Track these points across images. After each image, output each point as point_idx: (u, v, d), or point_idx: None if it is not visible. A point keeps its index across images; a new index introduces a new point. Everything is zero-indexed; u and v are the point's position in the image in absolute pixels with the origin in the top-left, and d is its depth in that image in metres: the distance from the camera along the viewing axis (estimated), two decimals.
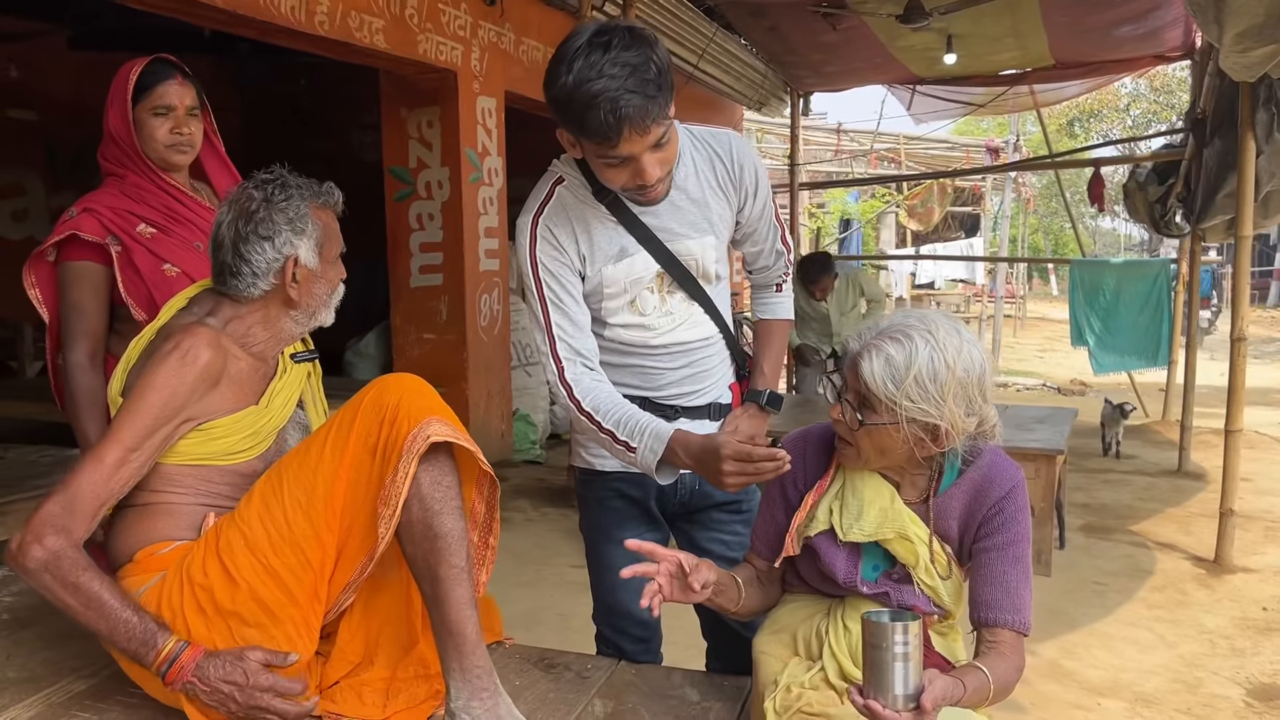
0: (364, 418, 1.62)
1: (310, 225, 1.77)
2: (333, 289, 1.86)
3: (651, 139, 1.66)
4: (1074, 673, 3.41)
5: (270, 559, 1.60)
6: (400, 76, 5.86)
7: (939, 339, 1.49)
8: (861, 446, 1.55)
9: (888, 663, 1.28)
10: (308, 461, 1.64)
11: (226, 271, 1.76)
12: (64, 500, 1.53)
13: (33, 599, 2.17)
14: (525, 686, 1.89)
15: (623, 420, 1.77)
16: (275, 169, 1.81)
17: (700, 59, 7.21)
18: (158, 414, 1.61)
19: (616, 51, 1.59)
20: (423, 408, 1.61)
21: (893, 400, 1.47)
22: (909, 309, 1.59)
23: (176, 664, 1.52)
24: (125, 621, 1.53)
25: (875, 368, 1.48)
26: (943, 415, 1.48)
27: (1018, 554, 1.55)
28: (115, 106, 2.29)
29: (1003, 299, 13.18)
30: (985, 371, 1.53)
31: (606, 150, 1.66)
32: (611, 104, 1.58)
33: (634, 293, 1.88)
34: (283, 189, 1.77)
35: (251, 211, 1.75)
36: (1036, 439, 4.42)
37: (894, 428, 1.49)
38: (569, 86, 1.61)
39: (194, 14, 4.35)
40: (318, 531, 1.61)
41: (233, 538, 1.61)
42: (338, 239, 1.85)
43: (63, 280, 2.28)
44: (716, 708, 1.81)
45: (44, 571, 1.50)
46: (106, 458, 1.57)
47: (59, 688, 1.78)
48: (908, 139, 13.29)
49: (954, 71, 7.85)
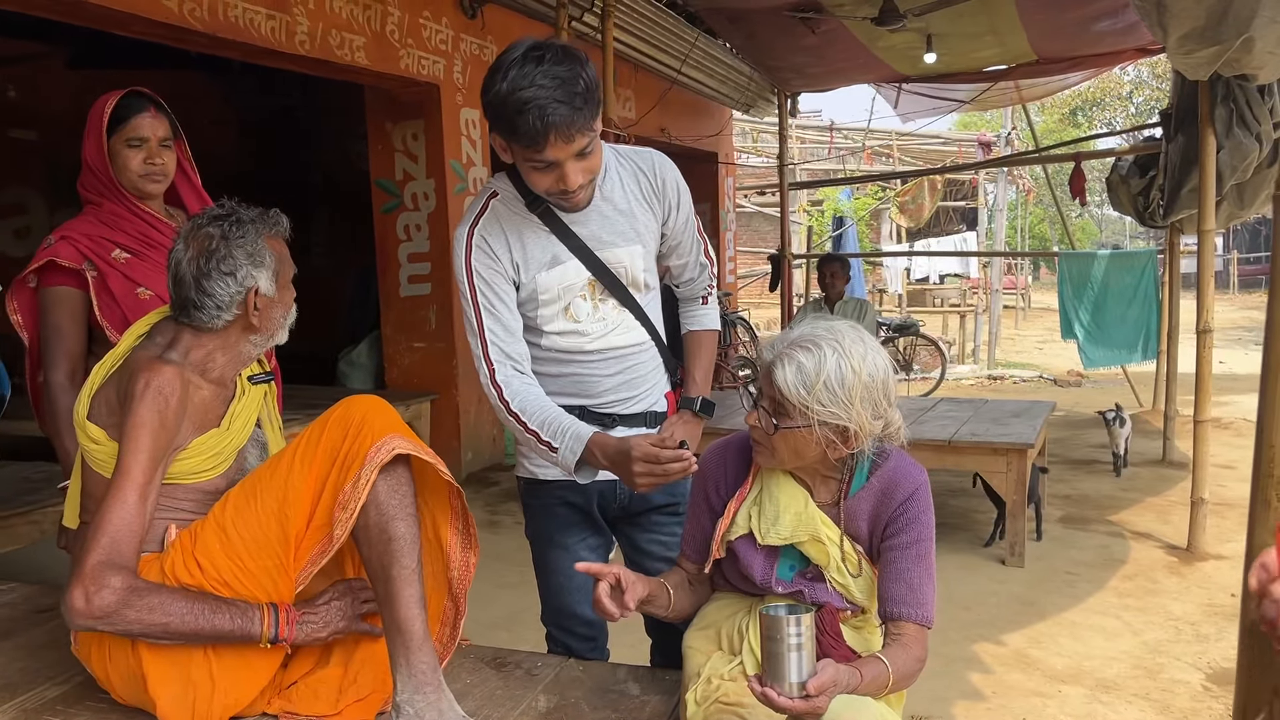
0: (330, 432, 1.75)
1: (268, 256, 1.87)
2: (288, 311, 1.96)
3: (576, 147, 1.78)
4: (1038, 661, 3.50)
5: (246, 561, 1.72)
6: (384, 91, 5.98)
7: (845, 347, 1.60)
8: (777, 449, 1.65)
9: (782, 653, 1.38)
10: (278, 472, 1.76)
11: (190, 305, 1.85)
12: (106, 545, 1.64)
13: (13, 612, 2.29)
14: (476, 684, 2.00)
15: (547, 421, 1.89)
16: (225, 203, 1.91)
17: (683, 64, 7.31)
18: (154, 449, 1.72)
19: (549, 65, 1.72)
20: (385, 425, 1.74)
21: (805, 405, 1.58)
22: (818, 321, 1.69)
23: (281, 624, 1.72)
24: (218, 612, 1.68)
25: (788, 375, 1.59)
26: (851, 418, 1.59)
27: (920, 552, 1.65)
28: (91, 138, 2.40)
29: (1001, 291, 13.24)
30: (889, 377, 1.64)
31: (533, 155, 1.78)
32: (540, 111, 1.70)
33: (567, 299, 1.98)
34: (238, 225, 1.86)
35: (212, 250, 1.84)
36: (1008, 433, 4.51)
37: (807, 430, 1.60)
38: (502, 93, 1.73)
39: (178, 38, 4.47)
40: (288, 536, 1.73)
41: (210, 543, 1.73)
42: (290, 264, 1.95)
43: (43, 305, 2.39)
44: (654, 701, 1.91)
45: (124, 609, 1.61)
46: (129, 497, 1.68)
47: (33, 694, 1.90)
48: (900, 135, 13.36)
49: (938, 69, 7.92)
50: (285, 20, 4.75)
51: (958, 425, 4.76)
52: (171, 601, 1.66)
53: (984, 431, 4.58)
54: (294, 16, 4.79)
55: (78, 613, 1.61)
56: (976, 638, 3.71)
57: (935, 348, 10.67)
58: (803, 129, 14.20)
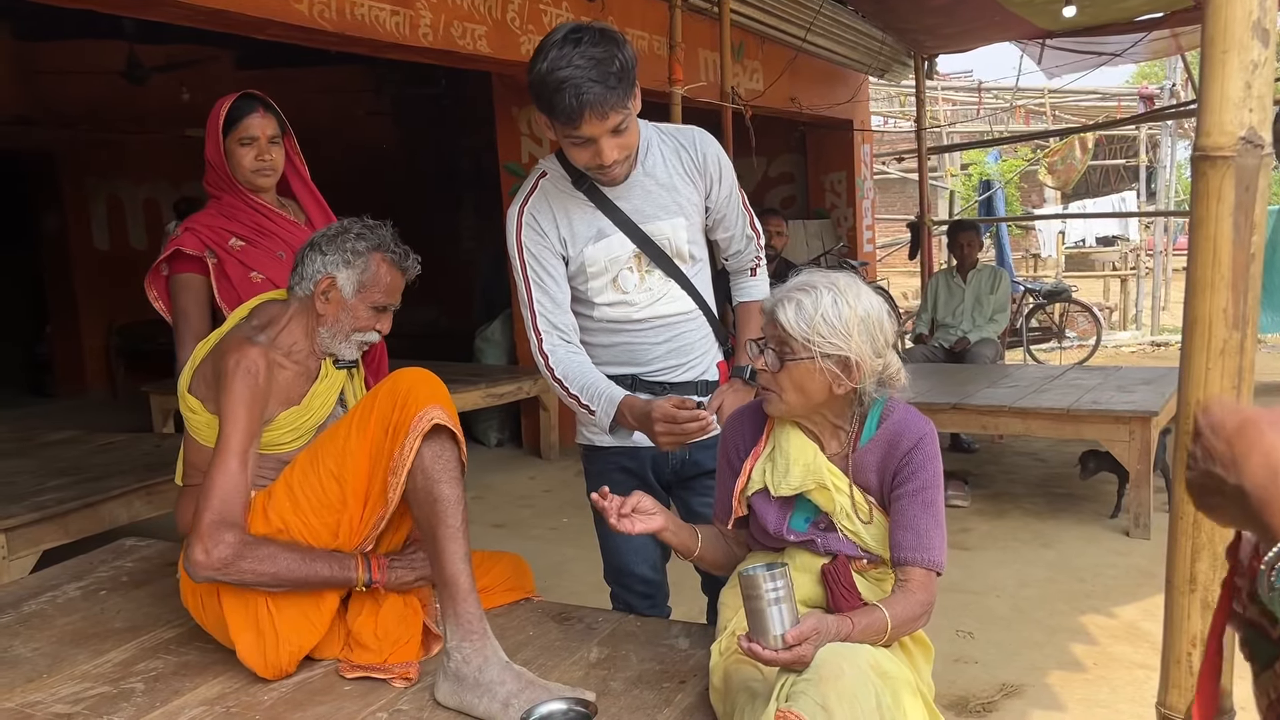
0: (381, 403, 1.93)
1: (361, 263, 2.06)
2: (358, 328, 2.10)
3: (610, 124, 1.89)
4: (1149, 634, 3.39)
5: (310, 519, 1.94)
6: (508, 77, 6.19)
7: (840, 287, 1.71)
8: (785, 389, 1.73)
9: (763, 609, 1.46)
10: (337, 438, 1.97)
11: (295, 267, 2.11)
12: (217, 506, 1.87)
13: (148, 565, 2.59)
14: (537, 636, 2.15)
15: (586, 386, 2.03)
16: (383, 223, 2.12)
17: (808, 32, 7.24)
18: (249, 420, 1.95)
19: (585, 47, 1.84)
20: (428, 395, 1.91)
21: (806, 338, 1.68)
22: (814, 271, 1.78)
23: (374, 569, 1.96)
24: (318, 560, 1.91)
25: (789, 312, 1.70)
26: (851, 348, 1.68)
27: (927, 499, 1.70)
28: (210, 139, 2.66)
29: (1170, 253, 12.50)
30: (884, 317, 1.73)
31: (570, 130, 1.90)
32: (575, 90, 1.83)
33: (614, 271, 2.10)
34: (364, 233, 2.08)
35: (331, 235, 2.08)
36: (1131, 400, 4.34)
37: (810, 362, 1.69)
38: (542, 73, 1.86)
39: (310, 39, 4.78)
40: (346, 496, 1.94)
41: (281, 502, 1.95)
42: (387, 292, 2.09)
43: (172, 291, 2.67)
44: (699, 654, 2.01)
45: (238, 560, 1.85)
46: (231, 464, 1.90)
47: (152, 635, 2.17)
48: (1053, 92, 12.74)
49: (1081, 22, 7.54)
50: (409, 15, 5.00)
51: (1080, 394, 4.61)
52: (280, 553, 1.88)
53: (1107, 400, 4.42)
54: (417, 10, 5.03)
55: (199, 565, 1.84)
56: (1087, 609, 3.62)
57: (1090, 314, 10.20)
58: (951, 90, 13.75)
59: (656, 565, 2.30)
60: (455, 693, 1.82)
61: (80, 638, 2.16)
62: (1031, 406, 4.49)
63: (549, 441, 6.31)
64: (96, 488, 3.43)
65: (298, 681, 1.93)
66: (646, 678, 1.92)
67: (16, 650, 2.10)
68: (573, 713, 1.60)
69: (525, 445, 6.57)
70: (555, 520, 5.06)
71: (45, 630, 2.20)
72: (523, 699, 1.75)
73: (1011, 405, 4.54)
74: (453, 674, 1.83)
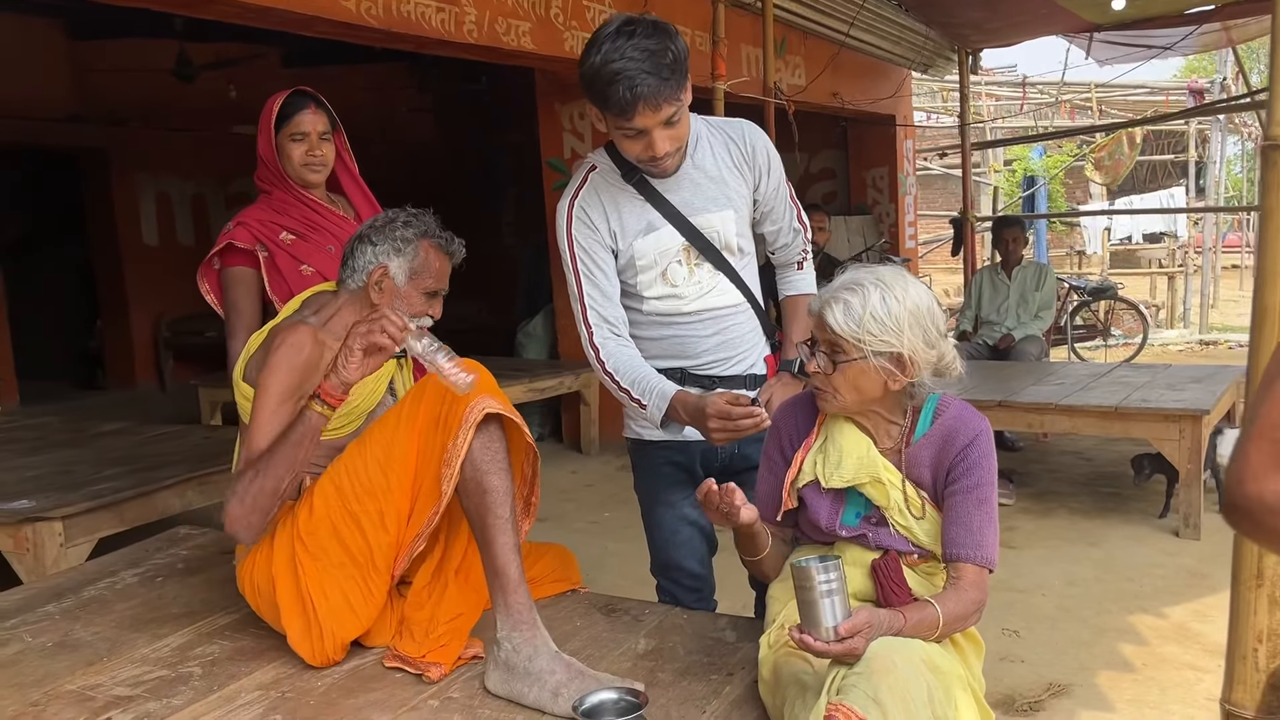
0: (430, 395, 1.94)
1: (410, 250, 2.07)
2: (412, 314, 2.09)
3: (663, 116, 1.90)
4: (1200, 635, 3.35)
5: (352, 505, 1.95)
6: (551, 73, 6.21)
7: (886, 282, 1.70)
8: (839, 389, 1.73)
9: (815, 600, 1.46)
10: (385, 428, 1.98)
11: (344, 261, 2.13)
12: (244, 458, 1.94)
13: (203, 552, 2.64)
14: (585, 627, 2.16)
15: (637, 380, 2.04)
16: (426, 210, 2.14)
17: (851, 26, 7.19)
18: (284, 385, 1.97)
19: (639, 39, 1.86)
20: (479, 387, 1.90)
21: (856, 338, 1.67)
22: (859, 267, 1.77)
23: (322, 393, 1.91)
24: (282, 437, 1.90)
25: (837, 315, 1.69)
26: (903, 344, 1.67)
27: (981, 496, 1.69)
28: (263, 134, 2.71)
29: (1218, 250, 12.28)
30: (934, 307, 1.72)
31: (624, 123, 1.92)
32: (629, 82, 1.84)
33: (663, 264, 2.10)
34: (408, 222, 2.10)
35: (379, 225, 2.11)
36: (1181, 398, 4.28)
37: (863, 362, 1.68)
38: (595, 65, 1.88)
39: (357, 36, 4.82)
40: (391, 486, 1.94)
41: (327, 487, 1.97)
42: (437, 277, 2.11)
43: (224, 283, 2.71)
44: (746, 648, 2.01)
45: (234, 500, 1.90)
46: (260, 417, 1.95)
47: (209, 620, 2.21)
48: (1099, 86, 12.54)
49: (1130, 14, 7.43)
50: (454, 11, 5.04)
51: (1129, 391, 4.54)
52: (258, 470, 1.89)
53: (1156, 398, 4.36)
54: (462, 7, 5.06)
55: (228, 521, 1.90)
56: (1135, 609, 3.58)
57: (1136, 311, 10.05)
58: (995, 85, 13.59)
59: (704, 559, 2.31)
60: (505, 681, 1.83)
61: (138, 623, 2.20)
62: (1079, 404, 4.44)
63: (589, 436, 6.34)
64: (150, 477, 3.49)
65: (350, 668, 1.96)
66: (694, 670, 1.93)
67: (77, 634, 2.15)
68: (623, 702, 1.61)
69: (566, 440, 6.60)
70: (597, 514, 5.08)
71: (104, 615, 2.25)
72: (572, 688, 1.76)
73: (1058, 402, 4.49)
74: (503, 663, 1.84)
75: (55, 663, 2.01)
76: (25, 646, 2.09)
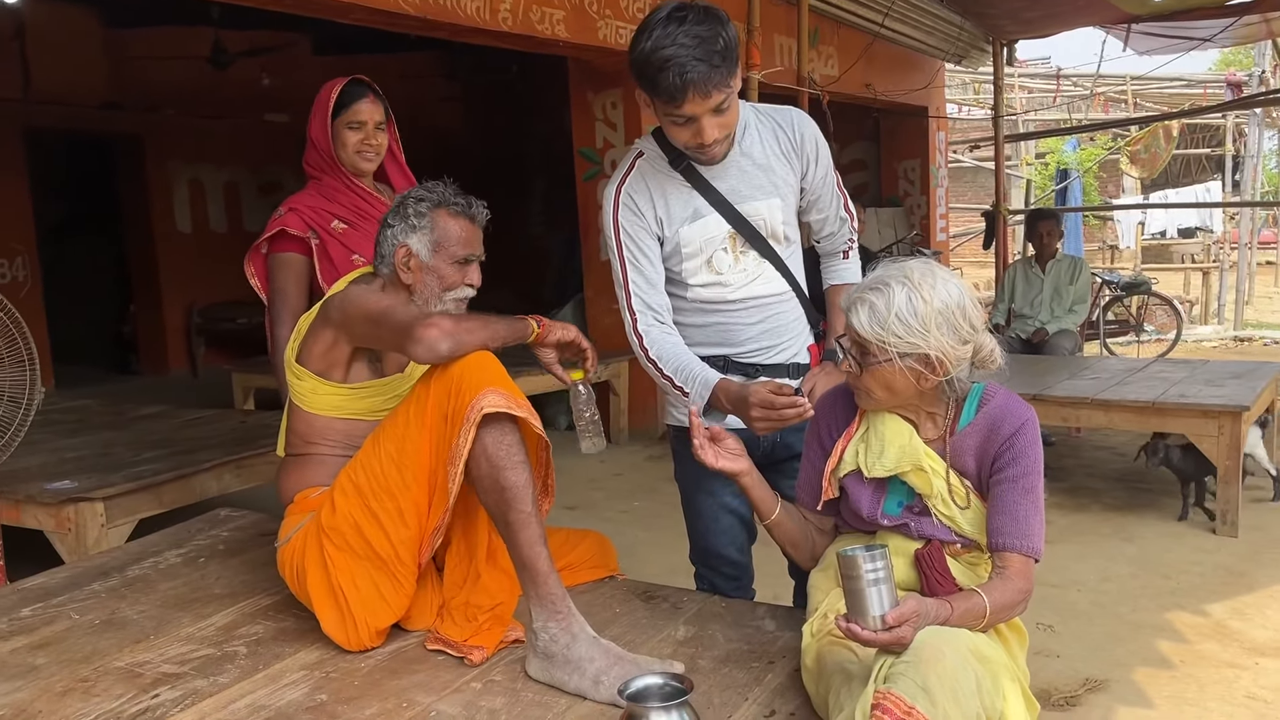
0: (435, 388, 1.90)
1: (427, 224, 2.07)
2: (446, 286, 2.10)
3: (713, 103, 1.89)
4: (1239, 633, 3.31)
5: (371, 503, 1.94)
6: (584, 61, 6.21)
7: (914, 281, 1.67)
8: (870, 388, 1.73)
9: (862, 589, 1.45)
10: (397, 423, 1.96)
11: (374, 251, 2.14)
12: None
13: (244, 535, 2.67)
14: (624, 614, 2.16)
15: (680, 368, 2.03)
16: (434, 184, 2.14)
17: (886, 17, 7.14)
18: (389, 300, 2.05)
19: (690, 25, 1.84)
20: (482, 380, 1.85)
21: (882, 340, 1.66)
22: (890, 264, 1.75)
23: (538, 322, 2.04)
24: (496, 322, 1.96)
25: (862, 317, 1.68)
26: (930, 344, 1.65)
27: (1027, 485, 1.68)
28: (317, 119, 2.69)
29: (1254, 245, 12.11)
30: (965, 302, 1.68)
31: (673, 109, 1.91)
32: (679, 69, 1.83)
33: (709, 252, 2.09)
34: (420, 197, 2.10)
35: (394, 208, 2.12)
36: (1220, 395, 4.22)
37: (889, 364, 1.67)
38: (646, 51, 1.87)
39: (393, 23, 4.83)
40: (407, 482, 1.93)
41: (346, 484, 1.97)
42: (463, 243, 2.09)
43: (271, 269, 2.71)
44: (786, 636, 2.01)
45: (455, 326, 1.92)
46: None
47: (251, 601, 2.23)
48: (1135, 79, 12.38)
49: (1170, 6, 7.33)
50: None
51: (1167, 386, 4.49)
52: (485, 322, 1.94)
53: (1195, 394, 4.31)
54: None
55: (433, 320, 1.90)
56: (1172, 606, 3.54)
57: (1170, 307, 9.93)
58: (1028, 77, 13.45)
59: (743, 548, 2.30)
60: (545, 669, 1.83)
61: (183, 602, 2.22)
62: (1115, 399, 4.39)
63: (619, 426, 6.34)
64: (188, 460, 3.53)
65: (393, 650, 1.97)
66: (735, 657, 1.93)
67: (124, 612, 2.17)
68: (669, 687, 1.61)
69: None
70: (626, 504, 5.09)
71: (149, 594, 2.28)
72: (613, 674, 1.75)
73: (1094, 397, 4.44)
74: (541, 651, 1.84)
75: (103, 640, 2.03)
76: (73, 624, 2.12)
